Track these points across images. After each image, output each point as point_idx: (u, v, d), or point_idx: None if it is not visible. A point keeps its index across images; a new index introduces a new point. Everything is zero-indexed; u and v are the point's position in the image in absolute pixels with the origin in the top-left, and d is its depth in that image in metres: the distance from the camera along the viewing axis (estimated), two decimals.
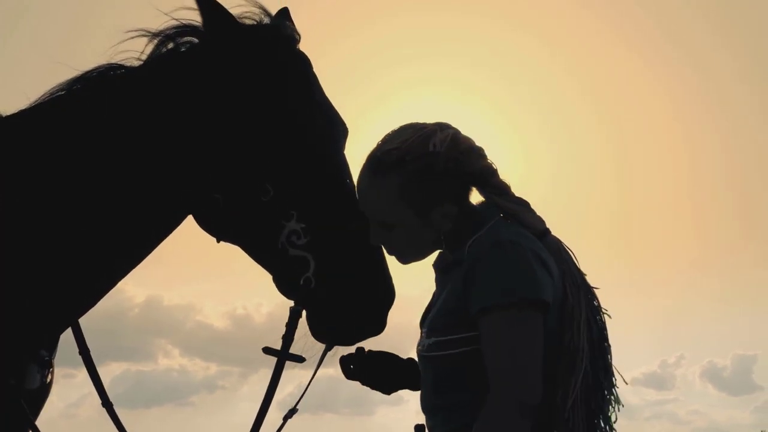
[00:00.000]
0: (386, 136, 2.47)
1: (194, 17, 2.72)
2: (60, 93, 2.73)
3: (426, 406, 2.48)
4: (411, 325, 2.65)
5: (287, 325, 2.69)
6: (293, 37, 2.77)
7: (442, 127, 2.44)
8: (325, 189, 2.61)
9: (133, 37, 2.72)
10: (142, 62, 2.73)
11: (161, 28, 2.71)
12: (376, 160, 2.43)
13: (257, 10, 2.74)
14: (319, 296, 2.61)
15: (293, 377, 2.92)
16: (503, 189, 2.46)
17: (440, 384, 2.40)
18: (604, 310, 2.48)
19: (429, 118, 2.51)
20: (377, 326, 2.67)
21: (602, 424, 2.43)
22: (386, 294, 2.65)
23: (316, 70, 2.81)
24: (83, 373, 2.83)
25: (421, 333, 2.49)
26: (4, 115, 2.77)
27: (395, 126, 2.52)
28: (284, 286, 2.68)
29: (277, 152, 2.61)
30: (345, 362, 2.67)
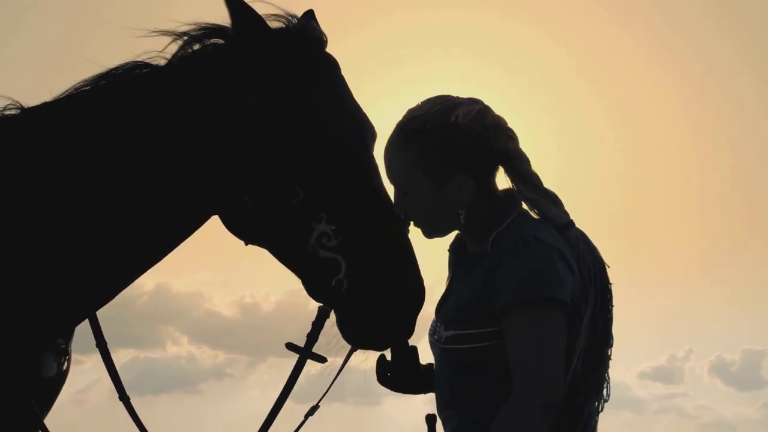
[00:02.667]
0: (419, 103, 2.49)
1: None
2: (85, 88, 2.71)
3: (439, 399, 2.48)
4: (424, 311, 2.66)
5: (313, 324, 2.69)
6: (321, 39, 2.76)
7: (472, 102, 2.45)
8: (355, 190, 2.59)
9: (155, 36, 2.70)
10: (167, 61, 2.72)
11: (186, 28, 2.70)
12: (400, 126, 2.47)
13: (282, 13, 2.73)
14: (351, 298, 2.60)
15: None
16: (529, 177, 2.44)
17: (455, 378, 2.40)
18: (612, 306, 2.47)
19: None
20: (407, 329, 2.64)
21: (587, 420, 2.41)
22: (417, 297, 2.63)
23: None
24: (92, 360, 2.84)
25: (437, 322, 2.49)
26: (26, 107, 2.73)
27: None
28: (314, 288, 2.66)
29: (306, 154, 2.59)
30: (382, 369, 2.66)
